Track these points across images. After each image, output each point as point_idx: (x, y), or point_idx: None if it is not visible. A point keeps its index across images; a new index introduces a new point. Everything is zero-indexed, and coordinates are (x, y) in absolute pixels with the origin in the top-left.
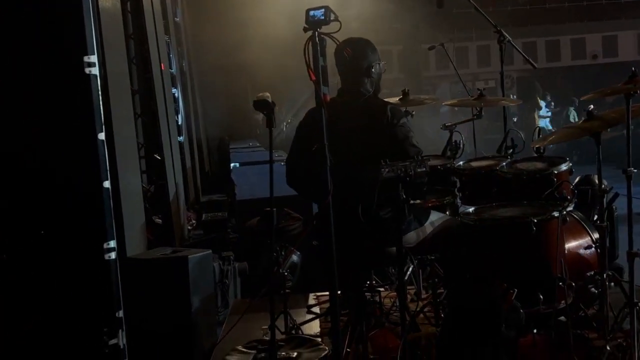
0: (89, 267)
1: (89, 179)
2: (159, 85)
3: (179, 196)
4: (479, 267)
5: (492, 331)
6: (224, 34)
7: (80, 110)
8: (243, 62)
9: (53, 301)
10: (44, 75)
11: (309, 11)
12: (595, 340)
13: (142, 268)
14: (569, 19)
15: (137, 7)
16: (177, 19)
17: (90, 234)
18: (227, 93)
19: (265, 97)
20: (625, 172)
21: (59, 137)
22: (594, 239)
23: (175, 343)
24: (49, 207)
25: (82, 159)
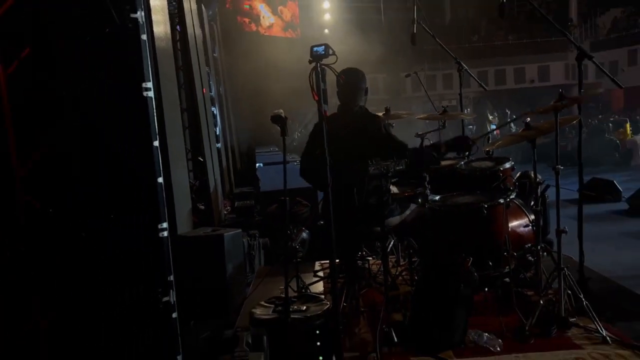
0: (147, 242)
1: (147, 176)
2: (201, 105)
3: (217, 188)
4: (444, 241)
5: (453, 289)
6: (250, 65)
7: (139, 124)
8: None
9: (121, 268)
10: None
11: (312, 47)
12: (532, 296)
13: (189, 243)
14: (512, 53)
15: (184, 45)
16: (215, 54)
17: (148, 217)
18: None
19: (279, 113)
20: (554, 169)
21: (126, 145)
22: (531, 220)
23: (214, 299)
24: (118, 197)
25: (142, 161)
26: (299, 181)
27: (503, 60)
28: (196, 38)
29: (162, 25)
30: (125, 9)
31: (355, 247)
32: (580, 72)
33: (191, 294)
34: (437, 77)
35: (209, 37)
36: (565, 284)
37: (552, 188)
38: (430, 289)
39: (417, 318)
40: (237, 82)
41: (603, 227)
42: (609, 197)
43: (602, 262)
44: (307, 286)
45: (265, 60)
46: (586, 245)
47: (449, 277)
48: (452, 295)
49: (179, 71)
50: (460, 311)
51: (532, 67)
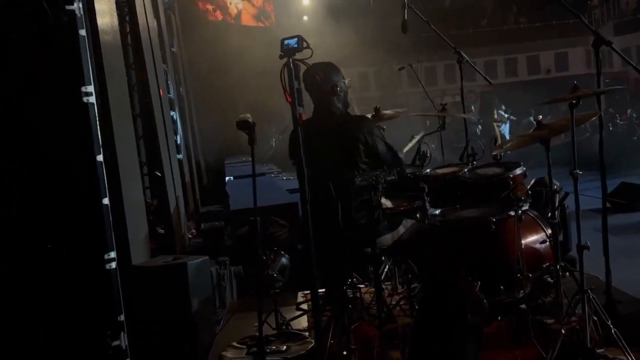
0: (91, 276)
1: (89, 197)
2: (157, 109)
3: (180, 208)
4: (446, 263)
5: (459, 320)
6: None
7: (79, 135)
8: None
9: (60, 308)
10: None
11: (283, 40)
12: (552, 324)
13: (146, 275)
14: (524, 38)
15: (136, 40)
16: (174, 49)
17: (91, 246)
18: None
19: (246, 117)
20: (572, 173)
21: (61, 160)
22: (548, 234)
23: (177, 341)
24: (54, 224)
25: (83, 179)
26: (275, 196)
27: (514, 48)
28: (150, 30)
29: (107, 16)
30: (60, 0)
31: (343, 273)
32: (598, 61)
33: (150, 336)
34: (438, 68)
35: (165, 29)
36: (590, 309)
37: (572, 196)
38: (432, 319)
39: (418, 355)
40: (201, 81)
41: (635, 240)
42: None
43: (634, 281)
44: (288, 322)
45: (234, 54)
46: (615, 262)
47: (454, 305)
48: (458, 327)
49: (130, 70)
50: (469, 345)
51: (548, 54)
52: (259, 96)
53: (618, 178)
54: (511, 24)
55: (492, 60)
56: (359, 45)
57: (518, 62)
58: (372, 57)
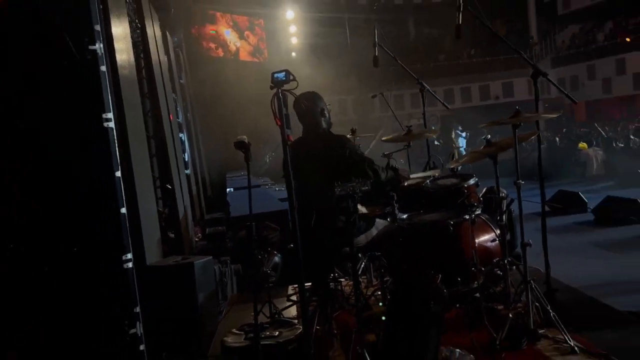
0: (112, 274)
1: (110, 207)
2: (168, 132)
3: (187, 216)
4: (412, 259)
5: (424, 307)
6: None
7: (100, 155)
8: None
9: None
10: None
11: (273, 74)
12: (501, 310)
13: (159, 273)
14: (477, 70)
15: (149, 73)
16: (182, 81)
17: (111, 249)
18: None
19: (243, 138)
20: (515, 183)
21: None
22: (497, 234)
23: (186, 329)
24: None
25: (105, 193)
26: (269, 205)
27: (468, 78)
28: (161, 65)
29: (124, 54)
30: (84, 41)
31: (326, 269)
32: (536, 89)
33: (162, 325)
34: (405, 96)
35: (174, 64)
36: (533, 296)
37: (517, 202)
38: (400, 308)
39: (390, 338)
40: (205, 108)
41: (570, 238)
42: (575, 209)
43: (569, 273)
44: (280, 311)
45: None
46: (553, 257)
47: (419, 295)
48: (423, 314)
49: (145, 99)
50: (432, 329)
51: (497, 83)
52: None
53: (557, 187)
54: (465, 59)
55: (450, 88)
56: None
57: (472, 90)
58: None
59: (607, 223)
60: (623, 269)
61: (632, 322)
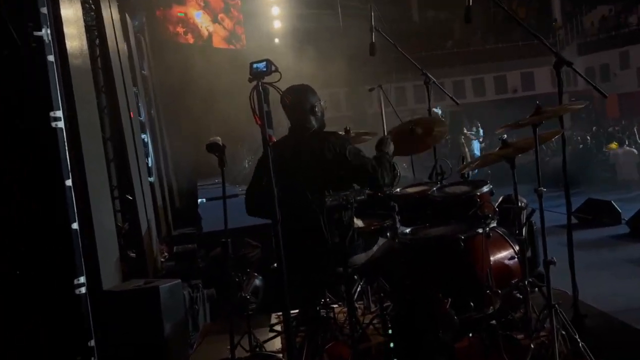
0: (61, 301)
1: (58, 221)
2: (128, 132)
3: (151, 231)
4: (418, 281)
5: (431, 337)
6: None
7: (47, 160)
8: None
9: (30, 334)
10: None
11: (252, 64)
12: (521, 339)
13: (117, 299)
14: (491, 59)
15: (105, 63)
16: (144, 71)
17: (61, 271)
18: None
19: (216, 140)
20: (536, 190)
21: (29, 186)
22: (516, 251)
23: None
24: (22, 249)
25: (51, 204)
26: (248, 218)
27: (481, 68)
28: (120, 53)
29: (76, 40)
30: (28, 26)
31: (316, 293)
32: (560, 81)
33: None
34: (407, 88)
35: (135, 52)
36: (558, 323)
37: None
38: (404, 337)
39: None
40: (172, 103)
41: (601, 254)
42: (606, 220)
43: (600, 296)
44: (262, 344)
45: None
46: (582, 277)
47: (425, 323)
48: (430, 344)
49: (101, 93)
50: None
51: (515, 74)
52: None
53: (585, 194)
54: (477, 46)
55: (460, 80)
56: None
57: (485, 82)
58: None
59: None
60: None
61: None
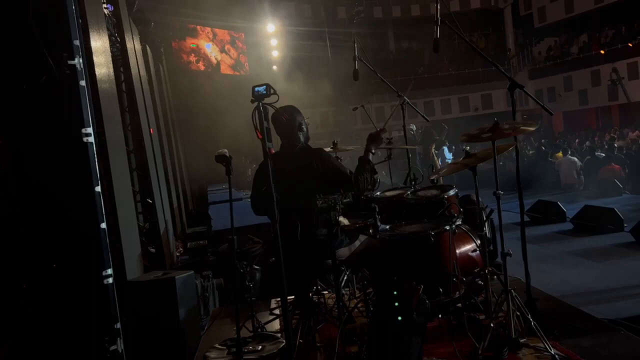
0: (92, 290)
1: (90, 222)
2: (148, 146)
3: (168, 230)
4: (395, 270)
5: (406, 318)
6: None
7: (80, 171)
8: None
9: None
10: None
11: (254, 88)
12: (483, 320)
13: (139, 288)
14: (456, 82)
15: (129, 87)
16: (163, 94)
17: (91, 264)
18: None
19: (224, 152)
20: (495, 193)
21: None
22: (478, 244)
23: (168, 344)
24: (61, 245)
25: (84, 208)
26: (251, 218)
27: (448, 90)
28: (141, 79)
29: (104, 68)
30: (63, 56)
31: (309, 281)
32: (513, 101)
33: (144, 340)
34: (385, 108)
35: (154, 77)
36: (514, 305)
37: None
38: (383, 319)
39: (373, 349)
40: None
41: (550, 247)
42: (554, 218)
43: (549, 282)
44: (263, 325)
45: (214, 98)
46: (534, 266)
47: (402, 307)
48: (406, 325)
49: (125, 113)
50: (415, 339)
51: (476, 95)
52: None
53: (535, 196)
54: (444, 71)
55: (430, 100)
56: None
57: (451, 102)
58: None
59: (586, 232)
60: (601, 277)
61: (611, 330)
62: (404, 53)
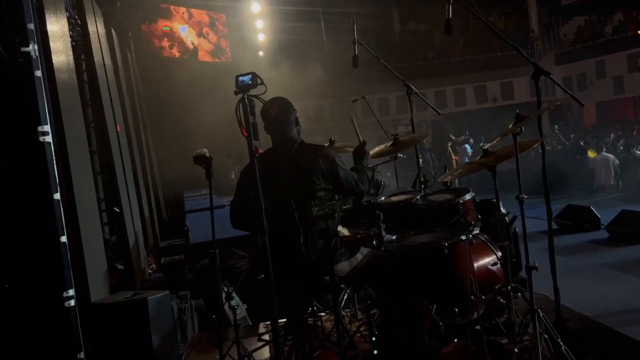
0: (50, 314)
1: (47, 235)
2: (115, 145)
3: (139, 243)
4: (402, 287)
5: (416, 343)
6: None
7: (36, 175)
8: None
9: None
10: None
11: (238, 77)
12: (505, 344)
13: (106, 311)
14: (471, 69)
15: (92, 77)
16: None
17: (50, 284)
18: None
19: (203, 152)
20: (517, 197)
21: (19, 200)
22: (499, 257)
23: None
24: (10, 263)
25: (40, 218)
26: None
27: (461, 78)
28: (106, 67)
29: (63, 55)
30: (15, 42)
31: (304, 302)
32: (538, 90)
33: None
34: (390, 99)
35: (121, 66)
36: (541, 327)
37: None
38: (391, 344)
39: None
40: (158, 116)
41: (582, 259)
42: (587, 226)
43: (582, 300)
44: (250, 353)
45: (191, 89)
46: (564, 281)
47: (411, 330)
48: (416, 350)
49: (87, 107)
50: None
51: (494, 84)
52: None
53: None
54: (458, 56)
55: (441, 90)
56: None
57: (466, 92)
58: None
59: (623, 241)
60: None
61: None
62: (410, 35)
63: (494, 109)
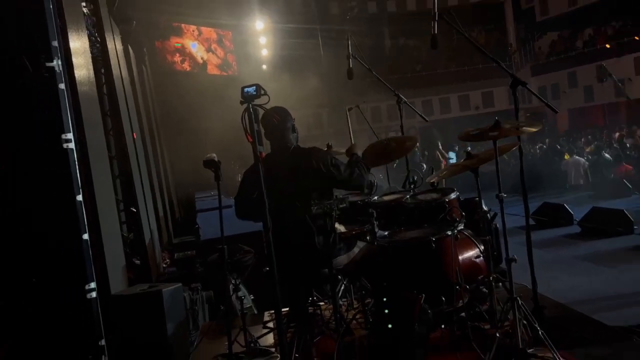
0: (74, 305)
1: (70, 233)
2: (132, 151)
3: (154, 240)
4: (395, 279)
5: (407, 329)
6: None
7: (60, 178)
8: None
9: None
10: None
11: (243, 88)
12: (488, 329)
13: (124, 302)
14: (455, 80)
15: (111, 90)
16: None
17: (73, 278)
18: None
19: (212, 157)
20: (497, 196)
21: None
22: (481, 250)
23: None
24: (38, 259)
25: (64, 217)
26: (242, 226)
27: (447, 89)
28: (123, 80)
29: (84, 69)
30: (41, 58)
31: (304, 292)
32: (516, 99)
33: (129, 358)
34: (382, 108)
35: (137, 79)
36: (520, 314)
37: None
38: (384, 331)
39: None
40: (171, 124)
41: (557, 252)
42: (561, 222)
43: (557, 289)
44: (256, 339)
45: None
46: (540, 272)
47: (402, 317)
48: (407, 337)
49: (106, 117)
50: (417, 351)
51: (476, 93)
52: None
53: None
54: (443, 68)
55: (428, 99)
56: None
57: (451, 101)
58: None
59: (595, 235)
60: (611, 282)
61: (623, 338)
62: (400, 50)
63: (476, 116)
